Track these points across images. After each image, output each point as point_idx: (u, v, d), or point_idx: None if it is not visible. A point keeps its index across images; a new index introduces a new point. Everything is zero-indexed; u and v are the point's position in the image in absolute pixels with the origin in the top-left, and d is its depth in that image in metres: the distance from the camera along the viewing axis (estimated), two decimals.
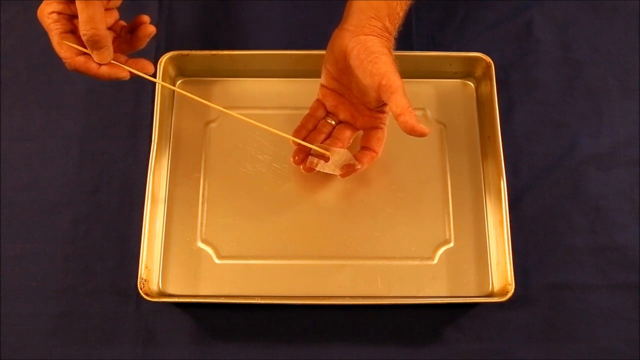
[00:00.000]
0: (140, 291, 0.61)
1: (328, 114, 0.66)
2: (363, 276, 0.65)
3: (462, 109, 0.71)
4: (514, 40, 0.75)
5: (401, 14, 0.60)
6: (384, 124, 0.64)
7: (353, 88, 0.62)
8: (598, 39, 0.76)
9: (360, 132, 0.66)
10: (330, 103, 0.65)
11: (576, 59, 0.75)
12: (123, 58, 0.58)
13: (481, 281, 0.65)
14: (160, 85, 0.68)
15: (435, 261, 0.65)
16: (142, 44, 0.58)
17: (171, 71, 0.71)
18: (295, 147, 0.65)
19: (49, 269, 0.66)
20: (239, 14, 0.77)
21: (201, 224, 0.66)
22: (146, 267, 0.62)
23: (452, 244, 0.66)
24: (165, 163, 0.68)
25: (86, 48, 0.55)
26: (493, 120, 0.67)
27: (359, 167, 0.63)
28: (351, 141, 0.66)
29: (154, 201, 0.65)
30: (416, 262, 0.65)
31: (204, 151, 0.69)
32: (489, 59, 0.69)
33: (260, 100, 0.71)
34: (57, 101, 0.72)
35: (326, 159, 0.64)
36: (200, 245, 0.66)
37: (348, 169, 0.63)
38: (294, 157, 0.65)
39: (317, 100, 0.66)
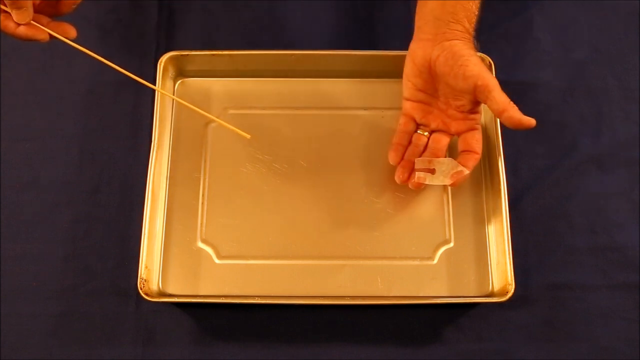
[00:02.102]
0: (140, 291, 0.61)
1: (419, 126, 0.65)
2: (363, 276, 0.65)
3: None
4: (514, 40, 0.75)
5: (476, 12, 0.59)
6: (479, 124, 0.63)
7: (440, 95, 0.62)
8: (598, 39, 0.76)
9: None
10: (418, 115, 0.64)
11: (576, 59, 0.75)
12: (45, 20, 0.57)
13: (481, 281, 0.65)
14: (160, 85, 0.68)
15: (435, 261, 0.65)
16: (67, 10, 0.57)
17: (171, 71, 0.71)
18: (396, 165, 0.65)
19: (49, 269, 0.66)
20: (239, 14, 0.77)
21: (201, 224, 0.66)
22: (146, 267, 0.62)
23: (452, 244, 0.66)
24: (165, 163, 0.68)
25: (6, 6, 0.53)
26: (493, 120, 0.67)
27: (467, 172, 0.62)
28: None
29: (154, 201, 0.65)
30: (416, 262, 0.65)
31: (204, 151, 0.69)
32: (489, 59, 0.69)
33: (260, 100, 0.71)
34: (57, 101, 0.72)
35: (432, 171, 0.63)
36: (200, 245, 0.66)
37: (458, 176, 0.62)
38: (398, 176, 0.64)
39: (404, 115, 0.65)
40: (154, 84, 0.68)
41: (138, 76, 0.59)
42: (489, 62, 0.68)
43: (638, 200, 0.69)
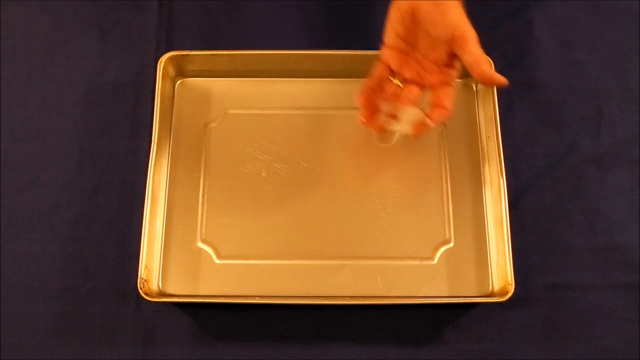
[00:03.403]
0: (140, 291, 0.61)
1: (393, 74, 0.64)
2: (363, 276, 0.65)
3: (462, 109, 0.71)
4: (514, 40, 0.75)
5: None
6: (454, 80, 0.62)
7: (420, 45, 0.61)
8: (598, 39, 0.76)
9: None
10: (395, 63, 0.63)
11: (576, 59, 0.75)
12: None
13: (481, 281, 0.65)
14: (160, 85, 0.68)
15: (435, 261, 0.65)
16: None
17: (171, 71, 0.71)
18: (362, 108, 0.64)
19: (49, 269, 0.66)
20: (239, 14, 0.77)
21: (201, 224, 0.66)
22: (146, 267, 0.62)
23: (452, 244, 0.66)
24: (165, 163, 0.68)
25: None
26: (493, 120, 0.67)
27: (432, 124, 0.61)
28: (419, 101, 0.64)
29: (154, 201, 0.65)
30: (416, 262, 0.65)
31: (204, 151, 0.69)
32: (489, 59, 0.69)
33: (260, 100, 0.71)
34: (57, 101, 0.72)
35: (396, 117, 0.63)
36: (200, 245, 0.66)
37: (420, 127, 0.62)
38: (361, 115, 0.64)
39: (381, 62, 0.64)
40: (154, 84, 0.68)
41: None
42: (489, 62, 0.68)
43: (638, 200, 0.69)
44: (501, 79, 0.56)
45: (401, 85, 0.63)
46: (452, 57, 0.60)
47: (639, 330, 0.65)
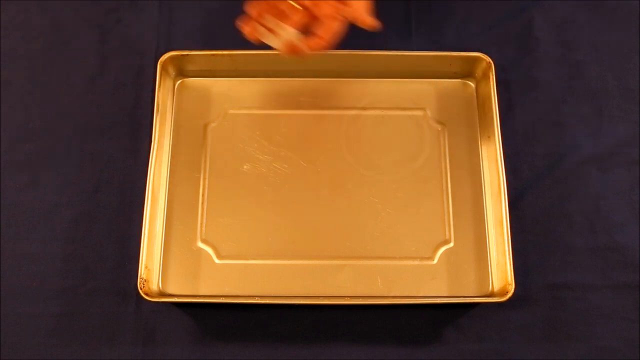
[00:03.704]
0: (140, 291, 0.61)
1: None
2: (363, 276, 0.65)
3: (462, 109, 0.71)
4: (514, 40, 0.75)
5: None
6: (342, 16, 0.62)
7: None
8: (598, 39, 0.76)
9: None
10: None
11: (576, 59, 0.75)
12: None
13: (481, 281, 0.65)
14: (160, 85, 0.68)
15: (435, 261, 0.65)
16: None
17: (171, 71, 0.71)
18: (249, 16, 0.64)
19: (49, 269, 0.66)
20: (239, 14, 0.77)
21: (201, 224, 0.66)
22: (146, 267, 0.62)
23: (452, 244, 0.66)
24: (165, 163, 0.68)
25: None
26: (493, 120, 0.67)
27: (305, 50, 0.62)
28: (303, 29, 0.63)
29: (154, 201, 0.65)
30: (416, 262, 0.65)
31: (204, 151, 0.69)
32: (489, 59, 0.69)
33: (260, 100, 0.71)
34: (57, 101, 0.72)
35: (274, 34, 0.63)
36: (200, 245, 0.66)
37: (291, 48, 0.62)
38: (242, 22, 0.63)
39: None
40: (154, 84, 0.68)
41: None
42: (489, 62, 0.68)
43: (638, 200, 0.69)
44: (371, 22, 0.58)
45: (299, 8, 0.63)
46: None
47: (639, 330, 0.65)
